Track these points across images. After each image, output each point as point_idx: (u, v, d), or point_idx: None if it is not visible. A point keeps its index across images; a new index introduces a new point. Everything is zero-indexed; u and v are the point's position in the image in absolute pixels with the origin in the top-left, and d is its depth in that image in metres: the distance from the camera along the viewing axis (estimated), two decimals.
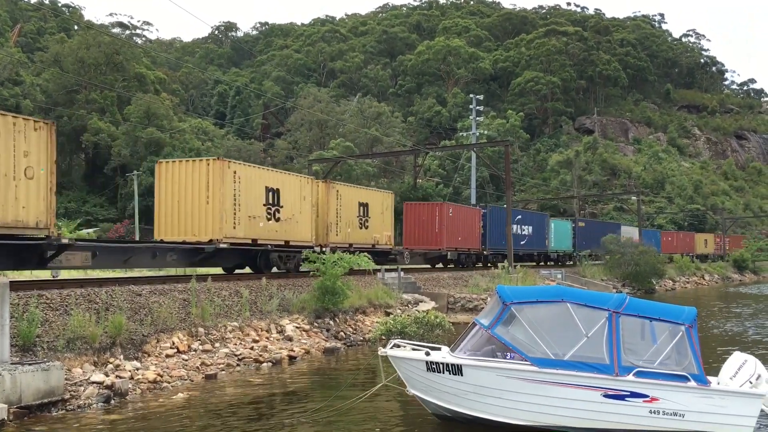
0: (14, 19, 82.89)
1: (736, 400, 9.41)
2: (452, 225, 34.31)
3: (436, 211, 33.90)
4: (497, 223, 38.79)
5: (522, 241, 41.78)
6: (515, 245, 37.54)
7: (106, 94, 63.30)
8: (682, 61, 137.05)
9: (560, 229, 48.60)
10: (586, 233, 51.76)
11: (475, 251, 37.57)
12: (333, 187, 26.14)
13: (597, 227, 55.53)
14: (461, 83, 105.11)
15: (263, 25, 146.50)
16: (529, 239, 43.29)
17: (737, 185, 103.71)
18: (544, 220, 46.47)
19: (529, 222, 43.64)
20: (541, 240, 45.27)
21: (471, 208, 38.62)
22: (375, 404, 11.81)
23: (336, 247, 24.74)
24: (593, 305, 9.96)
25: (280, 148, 79.38)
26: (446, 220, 33.72)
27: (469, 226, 36.66)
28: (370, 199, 28.64)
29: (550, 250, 47.11)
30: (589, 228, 53.51)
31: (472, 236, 37.13)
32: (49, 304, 13.67)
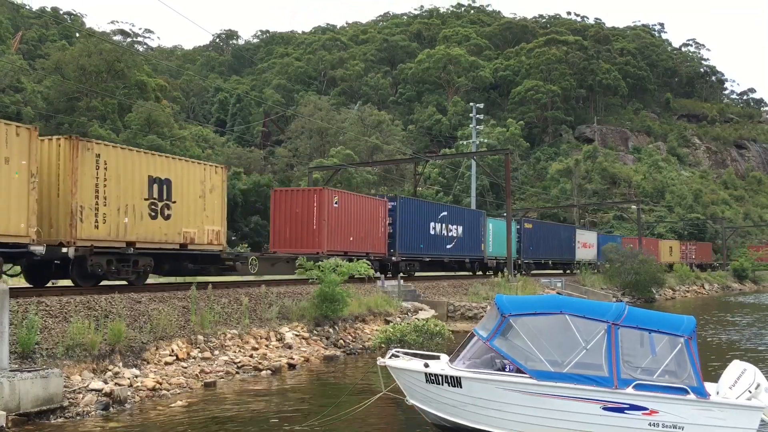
0: (16, 27, 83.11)
1: (736, 413, 9.39)
2: (341, 221, 26.23)
3: (314, 200, 25.34)
4: (413, 221, 31.16)
5: (448, 244, 34.64)
6: (436, 248, 32.85)
7: (107, 102, 63.40)
8: (681, 70, 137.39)
9: (501, 230, 39.29)
10: (534, 237, 44.86)
11: (378, 256, 28.41)
12: (87, 149, 16.36)
13: (548, 230, 48.34)
14: (461, 92, 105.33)
15: (264, 33, 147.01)
16: (459, 242, 35.77)
17: (737, 194, 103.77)
18: (479, 219, 38.97)
19: (459, 220, 35.80)
20: (476, 244, 37.82)
21: (371, 199, 29.61)
22: (374, 413, 11.79)
23: (94, 245, 16.37)
24: (592, 317, 9.95)
25: (281, 156, 79.44)
26: (330, 213, 25.55)
27: (369, 223, 28.16)
28: (175, 173, 18.75)
29: (488, 256, 39.32)
30: (539, 231, 46.27)
31: (373, 237, 28.30)
32: (49, 311, 13.67)
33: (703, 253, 78.04)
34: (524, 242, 43.39)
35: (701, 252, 77.88)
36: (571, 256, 51.39)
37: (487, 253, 39.13)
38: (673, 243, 70.64)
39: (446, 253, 34.43)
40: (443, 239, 34.07)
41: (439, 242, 33.55)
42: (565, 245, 50.67)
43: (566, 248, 50.78)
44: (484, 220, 39.26)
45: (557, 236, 48.92)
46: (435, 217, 33.25)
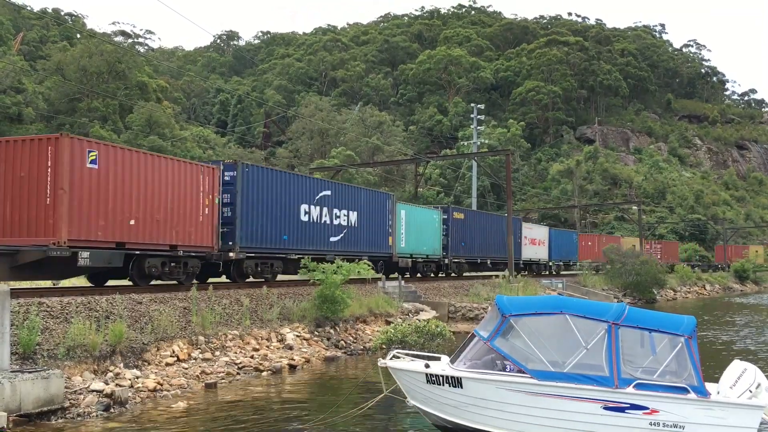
0: (17, 28, 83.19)
1: (737, 412, 9.39)
2: (107, 191, 16.25)
3: (48, 156, 15.20)
4: (268, 200, 21.98)
5: (333, 235, 25.34)
6: (312, 242, 24.13)
7: (108, 103, 63.49)
8: (683, 71, 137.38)
9: (419, 221, 31.58)
10: (467, 230, 36.68)
11: (198, 251, 19.43)
12: None
13: (485, 223, 39.67)
14: (462, 92, 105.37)
15: (265, 34, 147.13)
16: (351, 234, 26.33)
17: (738, 195, 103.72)
18: (385, 203, 29.20)
19: (351, 204, 26.53)
20: (379, 236, 28.35)
21: (183, 163, 19.30)
22: (375, 414, 11.80)
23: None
24: (592, 317, 9.95)
25: (282, 157, 79.51)
26: (81, 178, 15.67)
27: (178, 199, 18.48)
28: None
29: (399, 253, 29.76)
30: (473, 222, 37.80)
31: (188, 221, 18.82)
32: (50, 311, 13.69)
33: (670, 252, 71.78)
34: (453, 236, 34.79)
35: (667, 251, 71.29)
36: (515, 254, 40.58)
37: (397, 249, 29.46)
38: (635, 240, 64.37)
39: (330, 248, 24.84)
40: (325, 229, 24.77)
41: (318, 233, 24.26)
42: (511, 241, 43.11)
43: (513, 245, 42.62)
44: (392, 206, 29.45)
45: (498, 230, 39.68)
46: (309, 197, 23.92)
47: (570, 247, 53.09)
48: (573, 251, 52.85)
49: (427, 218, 32.94)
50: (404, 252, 30.50)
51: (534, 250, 46.04)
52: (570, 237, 53.54)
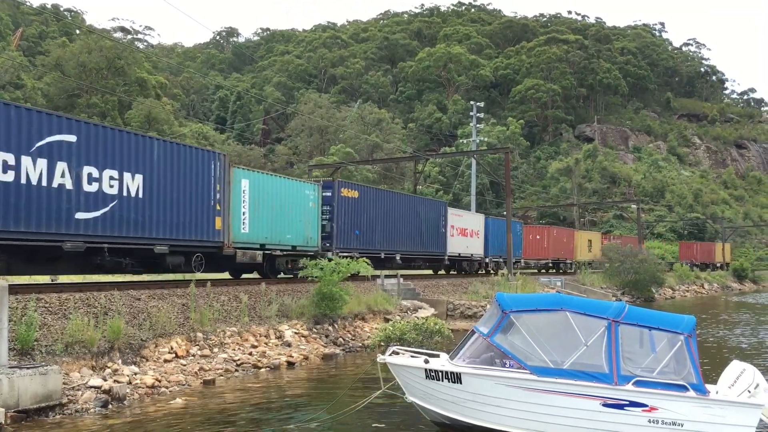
0: (16, 23, 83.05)
1: (735, 410, 9.39)
2: None
3: None
4: None
5: (84, 210, 15.95)
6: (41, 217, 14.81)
7: (107, 99, 63.39)
8: (682, 69, 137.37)
9: (277, 197, 22.77)
10: (360, 213, 27.00)
11: None
12: None
13: (392, 204, 29.64)
14: (462, 90, 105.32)
15: (264, 31, 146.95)
16: (128, 208, 17.06)
17: (737, 194, 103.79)
18: (210, 165, 19.70)
19: (132, 162, 17.23)
20: (196, 216, 19.28)
21: None
22: (374, 411, 11.79)
23: None
24: (592, 314, 9.95)
25: (281, 154, 79.43)
26: None
27: None
28: None
29: (236, 242, 20.84)
30: (372, 203, 27.94)
31: None
32: (48, 307, 13.66)
33: None
34: (340, 221, 25.63)
35: None
36: (438, 248, 33.55)
37: (234, 236, 20.60)
38: (593, 235, 58.28)
39: (76, 231, 15.59)
40: (61, 198, 15.28)
41: (50, 205, 15.04)
42: (428, 231, 32.64)
43: (430, 236, 32.74)
44: (221, 171, 20.05)
45: (411, 215, 30.84)
46: (25, 144, 14.47)
47: (515, 240, 41.61)
48: (517, 246, 42.11)
49: (294, 194, 23.24)
50: (248, 241, 21.30)
51: (464, 243, 36.47)
52: (514, 228, 41.41)
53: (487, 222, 40.37)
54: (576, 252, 52.41)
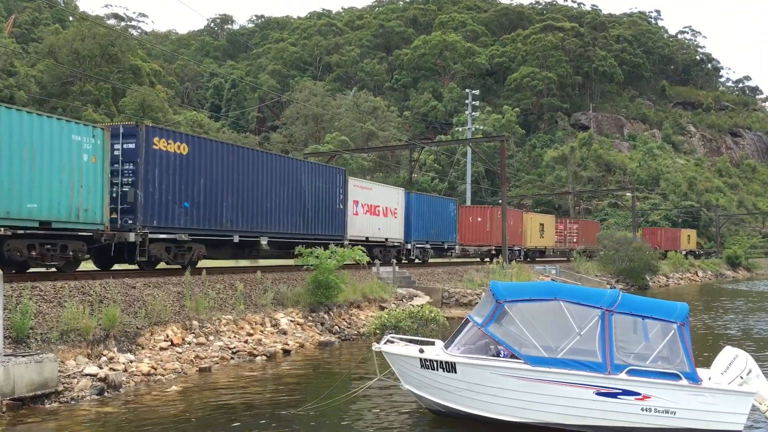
0: (8, 10, 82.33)
1: (728, 398, 9.48)
2: None
3: None
4: None
5: None
6: None
7: (101, 86, 63.01)
8: (677, 57, 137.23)
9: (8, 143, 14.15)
10: (187, 177, 19.11)
11: None
12: None
13: (236, 162, 21.02)
14: (457, 78, 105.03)
15: (259, 18, 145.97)
16: None
17: (731, 182, 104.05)
18: None
19: None
20: None
21: None
22: (369, 399, 11.85)
23: None
24: (586, 303, 10.00)
25: (276, 142, 79.22)
26: None
27: None
28: None
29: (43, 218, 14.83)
30: (206, 161, 19.87)
31: None
32: (43, 296, 13.65)
33: (590, 235, 57.56)
34: (152, 187, 17.88)
35: (587, 233, 57.57)
36: (333, 229, 25.77)
37: None
38: (546, 219, 51.59)
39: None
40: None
41: None
42: (317, 207, 24.91)
43: (319, 213, 25.03)
44: None
45: (289, 185, 23.47)
46: None
47: (444, 223, 34.90)
48: (449, 230, 35.52)
49: (46, 139, 14.94)
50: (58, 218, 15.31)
51: (374, 224, 28.60)
52: (444, 207, 35.22)
53: (408, 199, 31.87)
54: (525, 237, 45.48)
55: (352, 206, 27.25)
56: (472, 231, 40.98)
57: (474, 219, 41.13)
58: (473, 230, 41.03)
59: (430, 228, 33.48)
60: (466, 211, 41.55)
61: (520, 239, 44.48)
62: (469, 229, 40.81)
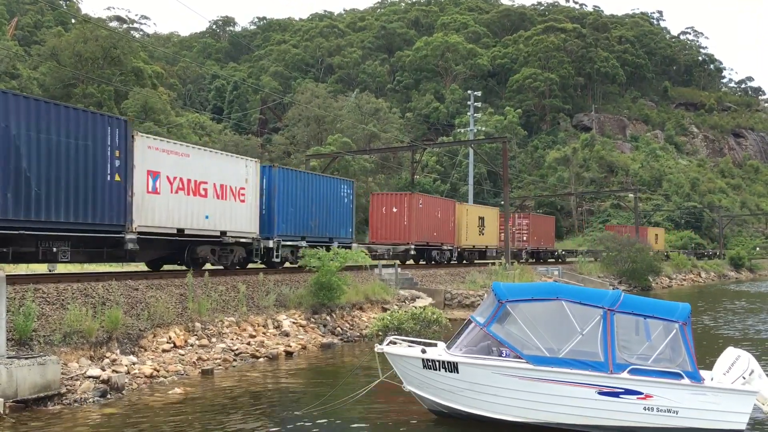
0: (11, 12, 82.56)
1: (730, 397, 9.47)
2: None
3: None
4: None
5: None
6: None
7: (103, 88, 63.13)
8: (680, 58, 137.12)
9: None
10: None
11: None
12: None
13: None
14: (459, 79, 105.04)
15: (261, 20, 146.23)
16: None
17: (734, 183, 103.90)
18: None
19: None
20: None
21: None
22: (372, 400, 11.85)
23: None
24: (588, 303, 10.00)
25: (278, 144, 79.27)
26: None
27: None
28: None
29: None
30: None
31: None
32: (46, 298, 13.67)
33: (543, 233, 49.79)
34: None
35: (540, 231, 48.97)
36: (101, 215, 16.36)
37: None
38: (488, 212, 41.85)
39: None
40: None
41: None
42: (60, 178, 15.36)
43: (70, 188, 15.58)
44: None
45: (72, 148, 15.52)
46: None
47: (335, 213, 26.51)
48: (342, 222, 26.96)
49: None
50: None
51: (196, 208, 19.74)
52: (333, 191, 26.55)
53: (269, 176, 23.42)
54: (459, 234, 37.21)
55: (147, 179, 17.94)
56: (387, 225, 31.92)
57: (388, 209, 31.77)
58: (388, 224, 31.91)
59: (308, 218, 24.91)
60: (378, 200, 32.66)
61: (451, 236, 36.27)
62: (383, 223, 31.97)
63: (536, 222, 49.56)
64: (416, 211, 32.29)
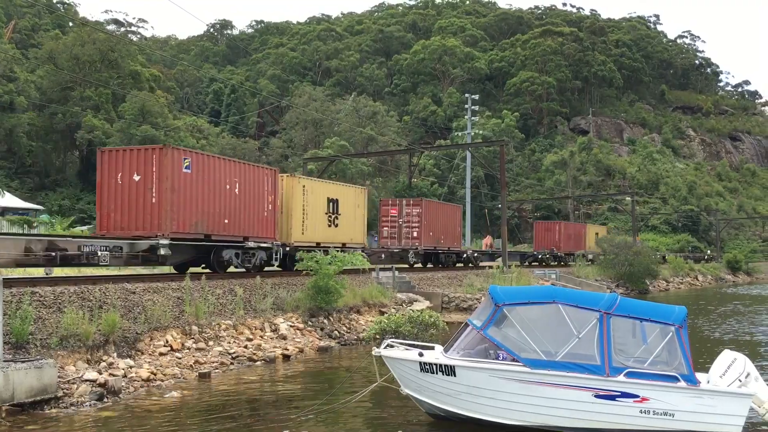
0: (9, 15, 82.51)
1: (726, 400, 9.49)
2: None
3: None
4: None
5: None
6: None
7: (100, 92, 63.10)
8: (677, 62, 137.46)
9: None
10: None
11: None
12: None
13: None
14: (457, 83, 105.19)
15: (259, 23, 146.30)
16: None
17: (731, 186, 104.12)
18: None
19: None
20: None
21: None
22: (369, 403, 11.85)
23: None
24: (584, 306, 10.03)
25: (275, 147, 79.28)
26: None
27: None
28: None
29: None
30: None
31: None
32: (42, 301, 13.65)
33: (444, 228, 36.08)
34: None
35: (438, 224, 35.45)
36: None
37: None
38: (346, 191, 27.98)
39: None
40: None
41: None
42: None
43: None
44: None
45: None
46: None
47: None
48: None
49: None
50: None
51: None
52: None
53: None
54: (289, 226, 24.14)
55: None
56: (124, 206, 18.88)
57: (127, 178, 18.83)
58: (125, 204, 18.87)
59: None
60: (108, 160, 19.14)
61: (269, 228, 22.45)
62: (117, 203, 18.95)
63: (433, 212, 35.21)
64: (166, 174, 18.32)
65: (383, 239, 34.44)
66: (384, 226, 34.37)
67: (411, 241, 33.79)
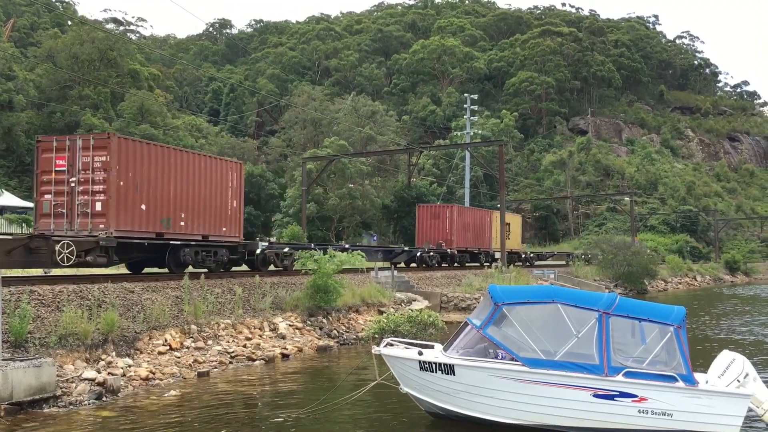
0: (7, 14, 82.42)
1: (724, 400, 9.50)
2: None
3: None
4: None
5: None
6: None
7: (99, 90, 63.05)
8: (676, 62, 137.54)
9: None
10: None
11: None
12: None
13: None
14: (456, 83, 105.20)
15: (258, 23, 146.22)
16: None
17: (729, 187, 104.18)
18: None
19: None
20: None
21: None
22: (368, 402, 11.86)
23: None
24: (583, 306, 10.04)
25: (274, 146, 79.24)
26: None
27: None
28: None
29: None
30: None
31: None
32: (41, 300, 13.65)
33: None
34: None
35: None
36: None
37: None
38: None
39: None
40: None
41: None
42: None
43: None
44: None
45: None
46: None
47: None
48: None
49: None
50: None
51: None
52: None
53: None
54: None
55: None
56: None
57: None
58: None
59: None
60: None
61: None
62: None
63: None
64: None
65: None
66: None
67: None
